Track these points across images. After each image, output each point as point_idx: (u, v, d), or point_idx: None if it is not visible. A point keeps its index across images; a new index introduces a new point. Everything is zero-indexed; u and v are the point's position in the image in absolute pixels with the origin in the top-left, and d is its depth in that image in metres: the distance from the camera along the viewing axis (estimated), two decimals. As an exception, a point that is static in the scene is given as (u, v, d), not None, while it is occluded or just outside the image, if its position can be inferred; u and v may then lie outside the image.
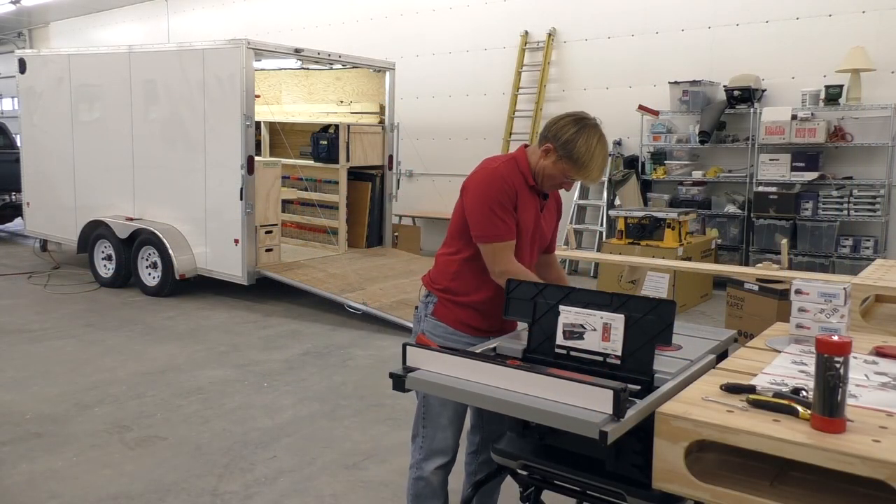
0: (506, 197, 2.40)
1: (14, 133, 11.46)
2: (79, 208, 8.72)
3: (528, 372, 1.92)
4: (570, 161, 2.40)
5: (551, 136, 2.42)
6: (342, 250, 8.47)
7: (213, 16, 13.98)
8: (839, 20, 7.70)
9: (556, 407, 1.79)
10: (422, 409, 2.51)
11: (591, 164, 2.40)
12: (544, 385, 1.86)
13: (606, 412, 1.72)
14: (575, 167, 2.41)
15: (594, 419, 1.70)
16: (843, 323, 2.27)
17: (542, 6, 9.74)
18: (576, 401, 1.78)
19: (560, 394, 1.82)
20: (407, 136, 10.25)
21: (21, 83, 9.42)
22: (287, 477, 3.57)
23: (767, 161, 7.83)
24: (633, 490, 1.93)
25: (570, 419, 1.75)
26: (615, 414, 1.71)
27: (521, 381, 1.91)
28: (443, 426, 2.49)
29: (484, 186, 2.42)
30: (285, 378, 5.08)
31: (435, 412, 2.48)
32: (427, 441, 2.50)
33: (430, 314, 2.53)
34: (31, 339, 6.01)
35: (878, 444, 1.53)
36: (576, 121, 2.42)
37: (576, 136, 2.38)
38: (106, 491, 3.40)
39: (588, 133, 2.39)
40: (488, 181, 2.42)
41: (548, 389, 1.85)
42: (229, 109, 7.13)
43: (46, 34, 17.95)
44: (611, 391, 1.71)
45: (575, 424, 1.74)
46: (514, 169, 2.46)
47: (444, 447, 2.50)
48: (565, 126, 2.41)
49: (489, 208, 2.39)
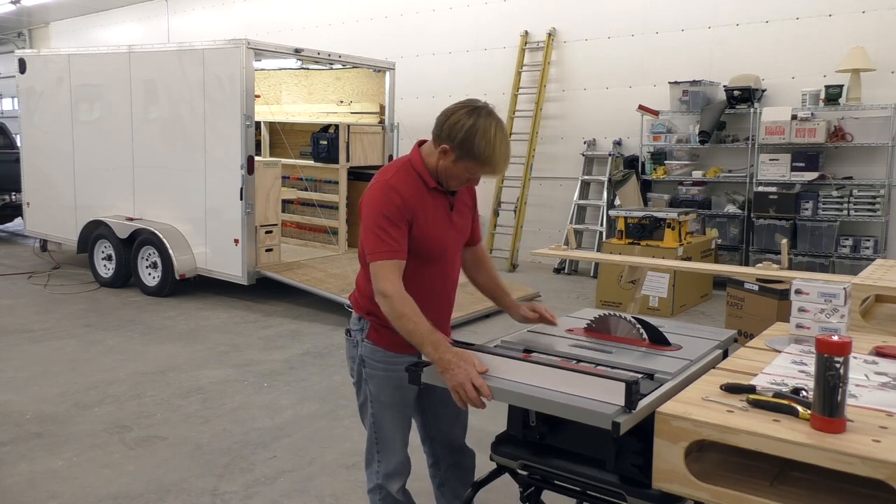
0: (395, 211, 2.19)
1: (14, 133, 11.46)
2: (79, 208, 8.72)
3: (541, 365, 1.97)
4: (471, 159, 2.20)
5: (445, 136, 2.21)
6: (342, 250, 8.47)
7: (213, 16, 13.99)
8: (839, 20, 7.70)
9: (570, 399, 1.84)
10: (374, 435, 2.45)
11: (493, 157, 2.20)
12: (558, 378, 1.91)
13: (618, 404, 1.77)
14: (478, 164, 2.21)
15: (607, 410, 1.76)
16: (843, 323, 2.27)
17: (542, 6, 9.75)
18: (589, 393, 1.84)
19: (573, 387, 1.87)
20: (407, 136, 10.24)
21: (21, 83, 9.42)
22: (287, 477, 3.57)
23: (767, 161, 7.83)
24: (632, 490, 1.93)
25: (583, 411, 1.80)
26: (627, 406, 1.77)
27: (534, 375, 1.96)
28: (397, 448, 2.44)
29: (374, 202, 2.22)
30: (285, 378, 5.08)
31: (389, 437, 2.42)
32: (384, 465, 2.44)
33: (365, 339, 2.40)
34: (31, 339, 6.01)
35: (878, 444, 1.53)
36: (468, 112, 2.20)
37: (472, 132, 2.16)
38: (106, 491, 3.40)
39: (484, 124, 2.18)
40: (378, 195, 2.23)
41: (561, 382, 1.90)
42: (229, 109, 7.13)
43: (46, 34, 17.96)
44: (623, 384, 1.77)
45: (588, 416, 1.79)
46: (409, 175, 2.27)
47: (402, 468, 2.47)
48: (458, 121, 2.19)
49: (375, 223, 2.18)
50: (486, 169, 2.24)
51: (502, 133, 2.22)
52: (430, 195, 2.29)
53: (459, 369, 1.99)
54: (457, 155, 2.21)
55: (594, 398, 1.82)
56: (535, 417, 2.11)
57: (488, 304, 7.06)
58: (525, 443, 2.16)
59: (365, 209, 2.25)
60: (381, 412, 2.41)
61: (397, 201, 2.20)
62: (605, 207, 9.09)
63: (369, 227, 2.21)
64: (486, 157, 2.20)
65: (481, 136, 2.17)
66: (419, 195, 2.26)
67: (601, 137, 9.42)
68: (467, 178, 2.29)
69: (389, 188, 2.23)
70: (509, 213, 9.74)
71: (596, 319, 2.46)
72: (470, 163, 2.22)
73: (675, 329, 2.51)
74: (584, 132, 9.51)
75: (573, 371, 1.93)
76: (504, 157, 2.24)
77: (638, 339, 2.35)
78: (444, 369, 2.02)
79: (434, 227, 2.29)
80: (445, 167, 2.25)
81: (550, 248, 5.22)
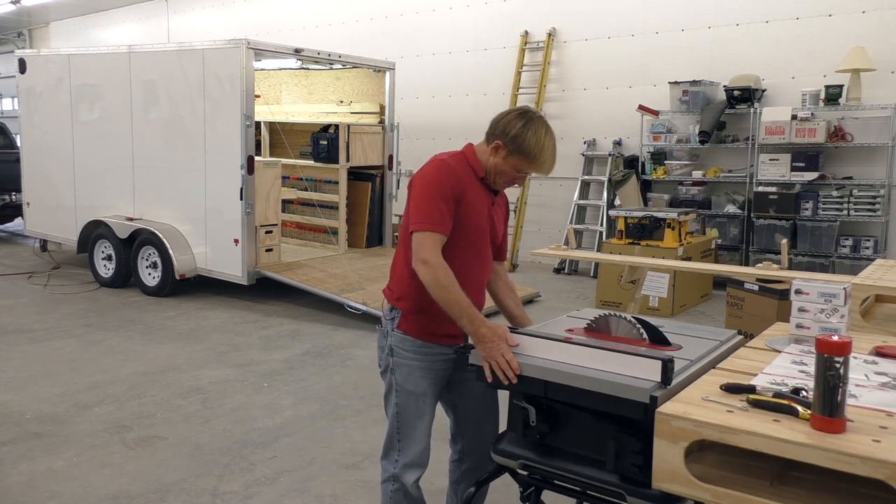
0: (448, 187, 2.34)
1: (14, 133, 11.46)
2: (79, 208, 8.72)
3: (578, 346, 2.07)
4: (521, 155, 2.38)
5: (499, 133, 2.40)
6: (342, 250, 8.47)
7: (213, 16, 13.99)
8: (839, 20, 7.70)
9: (608, 376, 1.96)
10: (396, 424, 2.49)
11: (542, 155, 2.39)
12: (592, 357, 2.03)
13: (654, 380, 1.89)
14: (527, 160, 2.39)
15: (644, 386, 1.88)
16: (843, 323, 2.27)
17: (542, 6, 9.75)
18: (624, 371, 1.96)
19: (608, 364, 1.99)
20: (407, 136, 10.25)
21: (21, 83, 9.42)
22: (287, 477, 3.57)
23: (767, 161, 7.83)
24: (633, 490, 1.93)
25: (620, 385, 1.91)
26: (663, 381, 1.89)
27: (569, 354, 2.07)
28: (419, 438, 2.48)
29: (428, 176, 2.37)
30: (285, 378, 5.08)
31: (411, 427, 2.47)
32: (404, 455, 2.48)
33: (395, 328, 2.47)
34: (31, 339, 6.01)
35: (878, 444, 1.53)
36: (521, 114, 2.41)
37: (524, 130, 2.36)
38: (106, 491, 3.40)
39: (536, 125, 2.38)
40: (434, 171, 2.38)
41: (596, 361, 2.02)
42: (229, 109, 7.13)
43: (46, 34, 17.95)
44: (659, 361, 1.90)
45: (626, 391, 1.90)
46: (462, 161, 2.44)
47: (422, 459, 2.50)
48: (512, 121, 2.39)
49: (429, 195, 2.32)
50: (534, 165, 2.41)
51: (550, 135, 2.41)
52: (478, 185, 2.45)
53: (493, 344, 2.14)
54: (508, 150, 2.38)
55: (629, 374, 1.94)
56: (535, 417, 2.11)
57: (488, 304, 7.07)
58: (525, 442, 2.16)
59: (418, 182, 2.38)
60: (406, 401, 2.48)
61: (451, 180, 2.36)
62: (605, 207, 9.09)
63: (420, 197, 2.35)
64: (535, 154, 2.38)
65: (532, 134, 2.36)
66: (470, 180, 2.42)
67: (601, 137, 9.42)
68: (514, 178, 2.46)
69: (446, 166, 2.38)
70: (509, 213, 9.74)
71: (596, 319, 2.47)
72: (519, 159, 2.39)
73: (674, 329, 2.51)
74: (584, 132, 9.51)
75: (608, 350, 2.03)
76: (551, 156, 2.42)
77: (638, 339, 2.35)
78: (478, 342, 2.18)
79: (476, 215, 2.44)
80: (496, 163, 2.41)
81: (550, 248, 5.22)
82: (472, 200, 2.41)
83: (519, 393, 2.16)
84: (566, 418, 2.11)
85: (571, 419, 2.10)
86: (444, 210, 2.32)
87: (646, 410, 1.84)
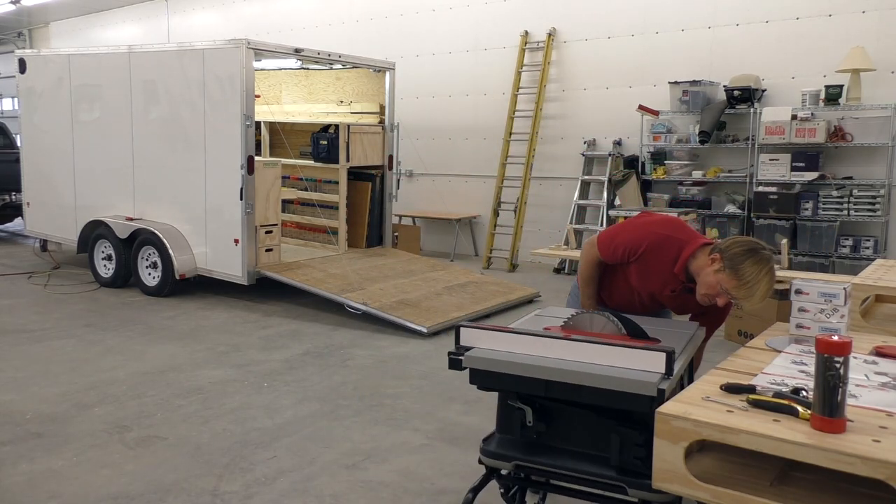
0: (638, 240, 2.69)
1: (14, 133, 11.45)
2: (79, 208, 8.71)
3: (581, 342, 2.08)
4: (731, 274, 2.44)
5: (724, 248, 2.51)
6: (342, 250, 8.47)
7: (213, 16, 13.98)
8: (839, 20, 7.70)
9: (613, 371, 1.97)
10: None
11: (755, 287, 2.42)
12: (598, 352, 2.03)
13: (658, 372, 1.92)
14: (735, 281, 2.44)
15: (652, 379, 1.90)
16: (843, 323, 2.28)
17: (542, 6, 9.74)
18: (627, 364, 1.98)
19: (611, 359, 2.01)
20: (407, 136, 10.25)
21: (21, 83, 9.42)
22: (287, 477, 3.57)
23: (767, 161, 7.83)
24: (634, 482, 1.94)
25: (627, 381, 1.92)
26: (666, 373, 1.92)
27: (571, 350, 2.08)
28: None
29: (652, 221, 2.78)
30: (285, 378, 5.08)
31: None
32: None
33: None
34: (31, 339, 6.01)
35: (878, 444, 1.53)
36: (753, 248, 2.48)
37: (747, 257, 2.44)
38: (106, 491, 3.40)
39: (761, 259, 2.44)
40: (658, 222, 2.76)
41: (601, 356, 2.03)
42: (229, 109, 7.13)
43: (46, 34, 17.94)
44: (663, 353, 1.93)
45: (633, 385, 1.91)
46: (673, 246, 2.67)
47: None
48: (741, 247, 2.49)
49: (632, 225, 2.75)
50: (741, 291, 2.45)
51: (771, 276, 2.45)
52: (668, 271, 2.69)
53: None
54: (722, 265, 2.48)
55: (634, 368, 1.96)
56: (531, 417, 2.11)
57: (488, 304, 7.09)
58: (518, 443, 2.15)
59: (644, 218, 2.84)
60: None
61: (648, 241, 2.69)
62: (605, 207, 9.08)
63: (631, 225, 2.81)
64: (746, 281, 2.43)
65: (753, 264, 2.43)
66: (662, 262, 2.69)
67: (601, 137, 9.42)
68: (716, 294, 2.53)
69: (665, 237, 2.69)
70: (509, 213, 9.74)
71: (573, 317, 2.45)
72: (728, 277, 2.46)
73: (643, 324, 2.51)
74: (584, 132, 9.51)
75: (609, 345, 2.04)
76: (762, 294, 2.45)
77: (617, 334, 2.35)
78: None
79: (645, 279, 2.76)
80: (707, 272, 2.54)
81: (550, 248, 5.23)
82: (652, 268, 2.71)
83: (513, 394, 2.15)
84: (563, 416, 2.11)
85: (569, 416, 2.10)
86: (621, 245, 2.74)
87: (651, 403, 1.84)
